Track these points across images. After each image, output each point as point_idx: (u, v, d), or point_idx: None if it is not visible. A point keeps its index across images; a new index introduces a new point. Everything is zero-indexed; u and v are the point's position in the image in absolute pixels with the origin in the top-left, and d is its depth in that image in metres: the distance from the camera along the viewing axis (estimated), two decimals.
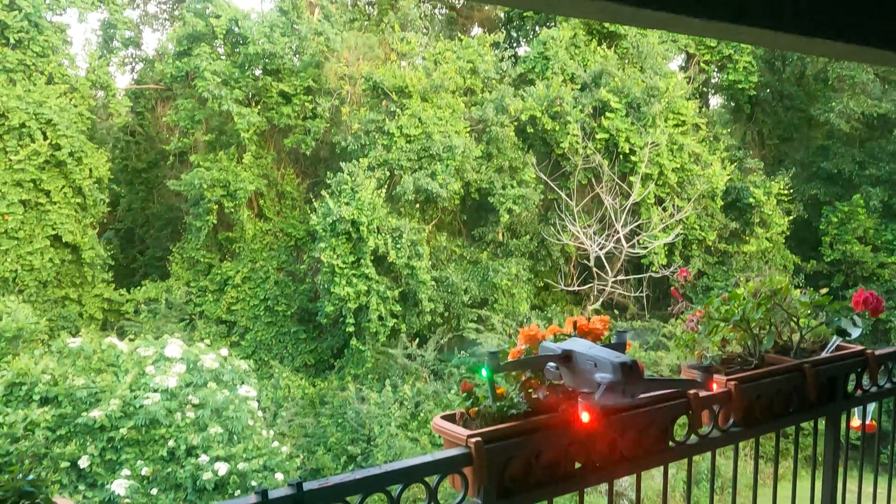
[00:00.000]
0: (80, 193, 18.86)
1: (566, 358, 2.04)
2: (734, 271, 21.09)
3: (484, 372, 2.09)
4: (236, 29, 20.11)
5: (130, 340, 13.35)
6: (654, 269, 20.01)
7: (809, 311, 2.89)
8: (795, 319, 2.90)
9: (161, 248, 22.04)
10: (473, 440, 1.99)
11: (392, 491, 1.91)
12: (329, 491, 1.78)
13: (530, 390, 2.23)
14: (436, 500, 1.98)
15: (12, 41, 18.04)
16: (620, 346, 2.22)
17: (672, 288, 3.42)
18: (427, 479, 1.97)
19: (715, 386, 2.48)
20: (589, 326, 2.30)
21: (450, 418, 2.16)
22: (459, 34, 22.65)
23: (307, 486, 1.75)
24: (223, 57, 20.37)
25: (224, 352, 13.75)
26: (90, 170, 18.97)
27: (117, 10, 21.61)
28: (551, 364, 2.13)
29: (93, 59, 20.39)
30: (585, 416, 2.07)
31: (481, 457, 1.99)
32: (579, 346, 2.12)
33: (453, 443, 2.07)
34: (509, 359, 2.25)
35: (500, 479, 2.09)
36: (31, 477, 1.60)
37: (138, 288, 19.94)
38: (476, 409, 2.16)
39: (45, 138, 18.12)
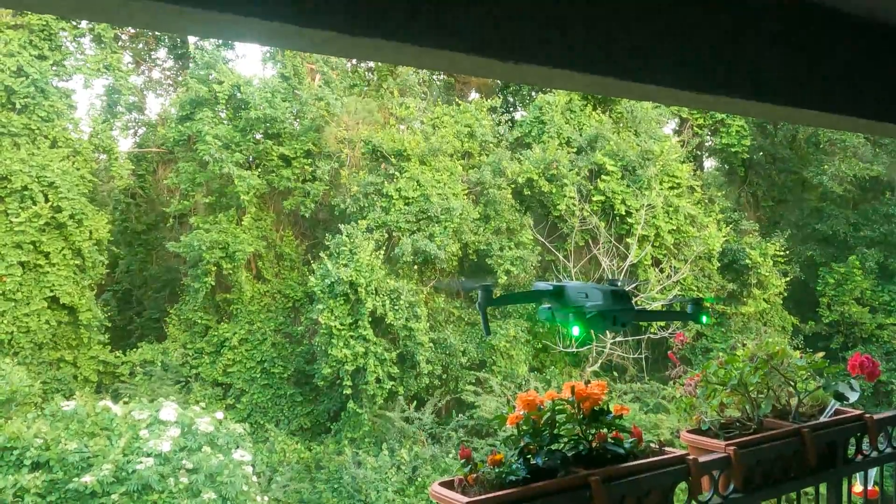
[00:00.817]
0: (79, 255, 18.91)
1: (558, 294, 2.04)
2: (733, 332, 21.05)
3: (477, 305, 2.09)
4: (238, 94, 20.52)
5: (125, 403, 13.23)
6: (652, 330, 19.95)
7: (807, 375, 2.91)
8: (793, 383, 2.91)
9: (158, 310, 21.98)
10: None
11: None
12: None
13: (529, 456, 2.22)
14: None
15: (18, 106, 18.37)
16: (620, 293, 2.22)
17: (669, 352, 3.43)
18: None
19: (705, 318, 2.47)
20: (587, 391, 2.31)
21: (448, 485, 2.15)
22: (457, 99, 23.13)
23: None
24: (225, 121, 20.72)
25: (219, 415, 13.59)
26: (90, 232, 19.08)
27: (122, 76, 22.08)
28: (544, 306, 2.13)
29: (96, 124, 20.73)
30: (576, 330, 2.06)
31: None
32: (571, 283, 2.14)
33: None
34: (507, 425, 2.25)
35: None
36: None
37: (134, 350, 19.81)
38: (474, 475, 2.15)
39: (47, 201, 18.28)
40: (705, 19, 1.78)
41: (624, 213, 20.19)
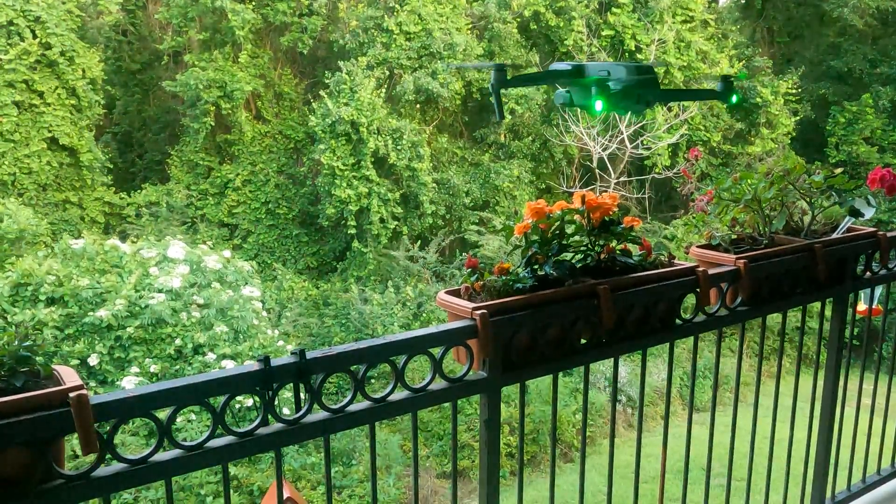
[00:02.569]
0: (74, 95, 18.47)
1: (577, 72, 1.95)
2: (737, 173, 20.91)
3: (491, 86, 2.03)
4: None
5: (133, 242, 13.38)
6: (657, 170, 19.82)
7: (822, 191, 2.82)
8: (808, 199, 2.83)
9: (160, 152, 21.78)
10: (479, 312, 1.96)
11: (397, 361, 1.89)
12: (333, 359, 1.75)
13: (536, 266, 2.18)
14: (441, 372, 1.96)
15: None
16: (645, 70, 2.15)
17: (682, 168, 3.34)
18: (432, 350, 1.94)
19: (735, 98, 2.39)
20: (598, 201, 2.23)
21: (454, 293, 2.12)
22: None
23: (310, 354, 1.72)
24: None
25: (227, 254, 13.79)
26: (83, 70, 18.52)
27: None
28: (561, 90, 2.06)
29: None
30: (599, 105, 2.00)
31: (486, 329, 1.96)
32: (591, 63, 2.06)
33: (458, 316, 2.03)
34: (515, 235, 2.19)
35: (506, 352, 2.07)
36: (27, 343, 1.57)
37: (138, 192, 19.83)
38: (481, 283, 2.12)
39: (35, 37, 17.60)
40: None
41: (634, 48, 19.46)
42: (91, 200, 19.14)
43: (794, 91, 21.32)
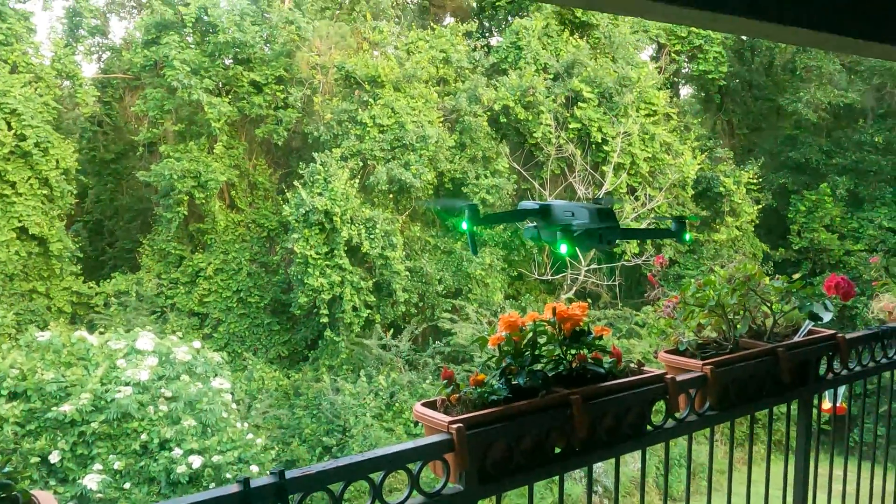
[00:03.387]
0: (46, 185, 18.51)
1: (544, 213, 2.08)
2: (705, 259, 21.39)
3: (464, 225, 2.11)
4: (206, 17, 19.83)
5: (101, 334, 13.18)
6: (626, 258, 20.18)
7: (782, 297, 2.94)
8: (769, 304, 2.94)
9: (131, 240, 21.73)
10: (455, 426, 2.00)
11: (374, 478, 1.91)
12: (311, 479, 1.77)
13: (510, 376, 2.23)
14: (418, 487, 1.98)
15: None
16: (606, 211, 2.27)
17: (649, 274, 3.46)
18: (409, 465, 1.97)
19: (688, 236, 2.53)
20: (568, 312, 2.31)
21: (431, 405, 2.16)
22: (432, 24, 22.56)
23: (289, 474, 1.74)
24: (192, 46, 20.08)
25: (196, 344, 13.63)
26: (57, 160, 18.63)
27: None
28: (529, 225, 2.16)
29: (58, 48, 19.99)
30: (564, 248, 2.09)
31: (463, 443, 1.99)
32: (557, 202, 2.18)
33: (434, 429, 2.07)
34: (489, 346, 2.26)
35: (482, 464, 2.10)
36: (6, 469, 1.57)
37: (108, 281, 19.66)
38: (457, 395, 2.16)
39: (10, 128, 17.76)
40: None
41: (600, 140, 20.11)
42: (59, 290, 18.91)
43: (755, 181, 22.08)
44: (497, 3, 23.65)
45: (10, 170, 17.83)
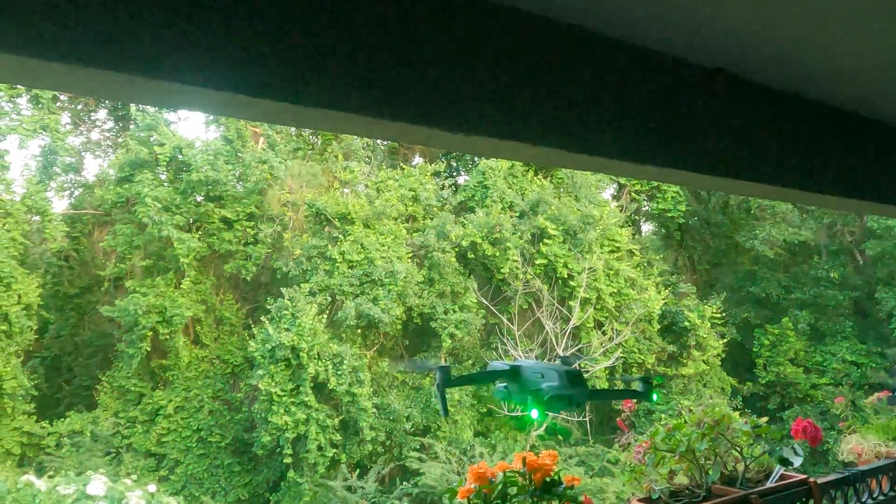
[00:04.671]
0: (6, 320, 18.11)
1: (514, 373, 2.11)
2: (674, 394, 21.32)
3: (436, 388, 2.13)
4: (180, 156, 20.31)
5: (50, 477, 12.48)
6: None
7: (752, 440, 2.93)
8: (739, 449, 2.93)
9: (89, 377, 21.09)
10: None
11: None
12: None
13: None
14: None
15: None
16: (566, 364, 2.32)
17: (618, 419, 3.44)
18: None
19: (655, 396, 2.59)
20: (538, 462, 2.27)
21: None
22: (401, 164, 23.37)
23: None
24: (165, 183, 20.43)
25: (152, 488, 12.93)
26: (19, 296, 18.35)
27: (60, 137, 21.66)
28: (500, 385, 2.19)
29: (30, 185, 20.18)
30: (535, 413, 2.11)
31: None
32: (526, 362, 2.21)
33: None
34: (458, 499, 2.20)
35: None
36: None
37: (62, 420, 18.88)
38: None
39: None
40: (642, 94, 1.83)
41: (566, 276, 20.47)
42: (8, 430, 18.07)
43: (719, 315, 22.46)
44: None
45: None
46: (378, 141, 25.16)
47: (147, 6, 1.05)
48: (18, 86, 18.66)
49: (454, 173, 25.80)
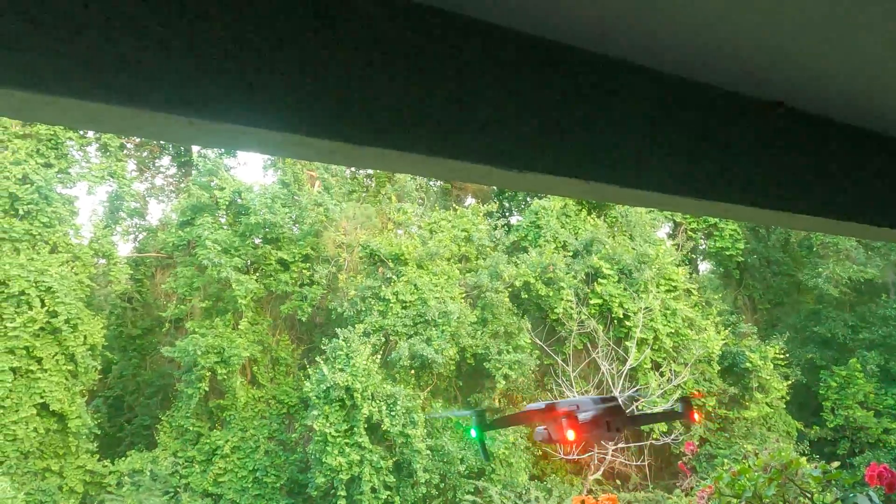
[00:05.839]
0: (72, 360, 18.68)
1: (550, 410, 2.20)
2: (736, 438, 20.59)
3: (473, 433, 2.13)
4: (239, 200, 20.87)
5: None
6: (654, 436, 19.51)
7: (822, 486, 2.80)
8: (809, 495, 2.80)
9: (150, 416, 21.52)
10: None
11: None
12: None
13: None
14: None
15: (21, 212, 18.62)
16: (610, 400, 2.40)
17: (680, 463, 3.34)
18: None
19: (696, 416, 2.58)
20: None
21: None
22: (454, 204, 23.53)
23: None
24: (225, 226, 20.98)
25: None
26: (84, 336, 18.92)
27: (126, 183, 22.51)
28: (540, 427, 2.23)
29: (97, 229, 20.95)
30: (571, 434, 2.15)
31: None
32: (563, 400, 2.29)
33: None
34: None
35: None
36: None
37: (123, 458, 19.25)
38: None
39: (43, 305, 18.21)
40: (698, 128, 1.81)
41: (622, 316, 20.15)
42: (72, 469, 18.50)
43: (782, 356, 21.73)
44: None
45: (38, 346, 18.08)
46: (431, 182, 25.46)
47: (207, 52, 1.09)
48: (86, 130, 19.49)
49: (506, 213, 25.83)
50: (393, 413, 17.75)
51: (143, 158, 26.19)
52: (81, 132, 20.58)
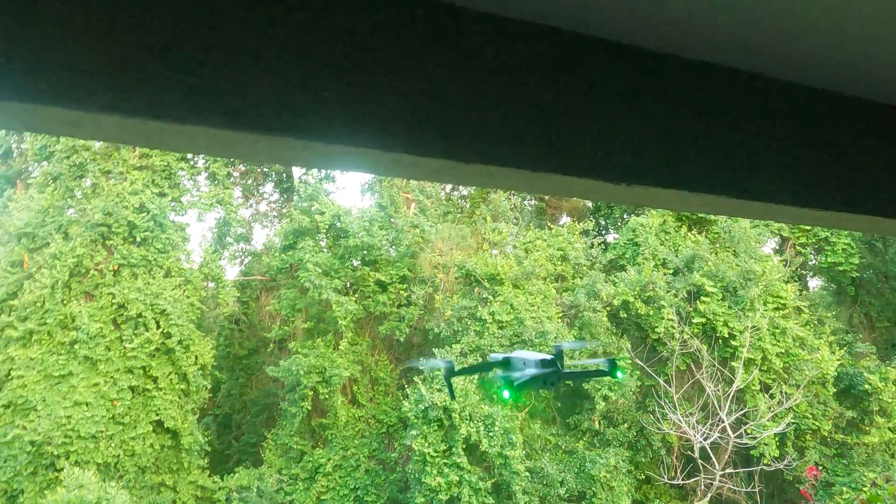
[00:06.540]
0: (184, 380, 19.58)
1: (506, 363, 2.84)
2: (856, 465, 19.35)
3: (444, 377, 2.53)
4: (338, 224, 21.46)
5: None
6: (765, 461, 18.61)
7: None
8: None
9: (256, 434, 22.26)
10: None
11: None
12: None
13: None
14: None
15: (138, 239, 19.76)
16: (558, 355, 2.84)
17: (802, 489, 3.18)
18: None
19: (620, 374, 2.84)
20: None
21: None
22: (549, 223, 23.38)
23: None
24: (325, 249, 21.60)
25: None
26: (196, 357, 19.81)
27: (232, 210, 23.56)
28: (500, 374, 2.60)
29: (207, 254, 21.99)
30: (506, 394, 2.52)
31: None
32: (517, 353, 2.73)
33: None
34: None
35: None
36: None
37: (231, 475, 19.97)
38: None
39: (158, 327, 19.21)
40: (821, 137, 1.74)
41: (727, 335, 19.40)
42: (185, 484, 19.32)
43: None
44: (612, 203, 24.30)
45: (154, 365, 19.06)
46: (525, 201, 25.38)
47: (321, 77, 1.13)
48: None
49: (603, 231, 25.42)
50: (491, 434, 17.68)
51: (248, 185, 27.35)
52: (192, 161, 21.72)
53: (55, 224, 19.29)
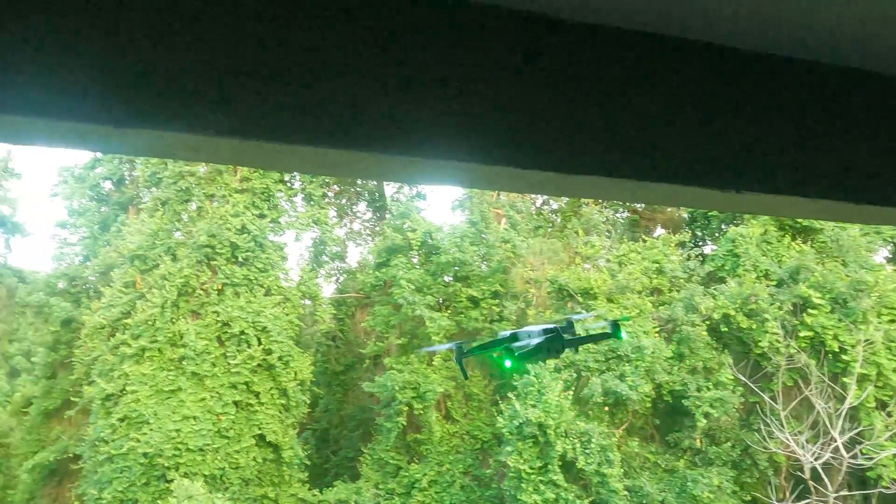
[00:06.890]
0: (284, 395, 20.18)
1: (514, 338, 3.11)
2: None
3: (507, 363, 2.71)
4: (430, 240, 21.70)
5: None
6: (883, 483, 17.48)
7: None
8: None
9: (353, 449, 22.64)
10: None
11: None
12: None
13: None
14: None
15: (241, 259, 20.56)
16: (569, 326, 3.05)
17: None
18: None
19: (623, 335, 2.86)
20: None
21: None
22: (643, 236, 22.85)
23: None
24: (417, 266, 21.86)
25: None
26: (295, 372, 20.39)
27: (328, 229, 24.22)
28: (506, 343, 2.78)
29: (304, 273, 22.65)
30: (508, 363, 2.71)
31: None
32: (525, 328, 2.92)
33: None
34: None
35: None
36: None
37: (330, 489, 20.37)
38: None
39: (260, 344, 19.88)
40: None
41: (837, 349, 18.41)
42: (286, 497, 19.85)
43: None
44: (709, 214, 23.57)
45: (256, 381, 19.73)
46: (618, 214, 24.94)
47: (426, 94, 1.16)
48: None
49: (699, 243, 24.66)
50: (587, 451, 17.37)
51: (342, 205, 28.04)
52: (288, 183, 22.46)
53: (164, 246, 20.32)
